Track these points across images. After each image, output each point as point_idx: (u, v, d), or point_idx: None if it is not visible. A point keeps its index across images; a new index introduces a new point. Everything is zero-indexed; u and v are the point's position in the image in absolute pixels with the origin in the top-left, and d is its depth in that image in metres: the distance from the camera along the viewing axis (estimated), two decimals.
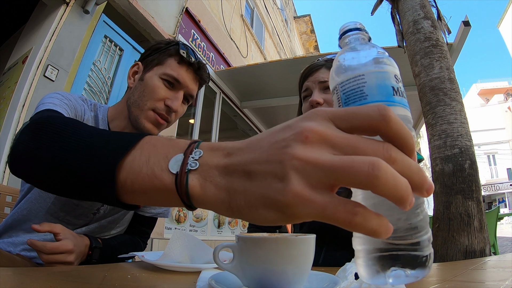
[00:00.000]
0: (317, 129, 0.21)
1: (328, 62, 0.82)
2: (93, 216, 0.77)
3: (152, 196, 0.28)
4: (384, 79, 0.30)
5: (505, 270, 0.52)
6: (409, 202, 0.19)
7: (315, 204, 0.20)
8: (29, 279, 0.40)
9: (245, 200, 0.23)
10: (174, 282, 0.47)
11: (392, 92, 0.29)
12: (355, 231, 0.20)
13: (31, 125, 0.41)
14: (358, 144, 0.21)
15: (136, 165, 0.28)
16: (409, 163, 0.21)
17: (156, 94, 0.75)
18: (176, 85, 0.77)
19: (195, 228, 3.56)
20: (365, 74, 0.30)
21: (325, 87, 0.80)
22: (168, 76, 0.76)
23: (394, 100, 0.29)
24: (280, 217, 0.22)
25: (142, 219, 0.90)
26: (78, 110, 0.73)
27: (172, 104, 0.76)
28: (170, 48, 0.78)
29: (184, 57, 0.76)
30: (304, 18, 11.00)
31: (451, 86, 2.02)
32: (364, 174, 0.19)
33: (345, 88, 0.31)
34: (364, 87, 0.29)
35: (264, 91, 4.42)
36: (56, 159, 0.33)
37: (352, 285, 0.35)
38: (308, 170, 0.20)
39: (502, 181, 21.04)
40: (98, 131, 0.36)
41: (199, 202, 0.26)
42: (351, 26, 0.35)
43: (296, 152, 0.21)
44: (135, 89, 0.77)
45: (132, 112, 0.76)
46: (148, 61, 0.79)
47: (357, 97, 0.29)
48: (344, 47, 0.34)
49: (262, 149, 0.23)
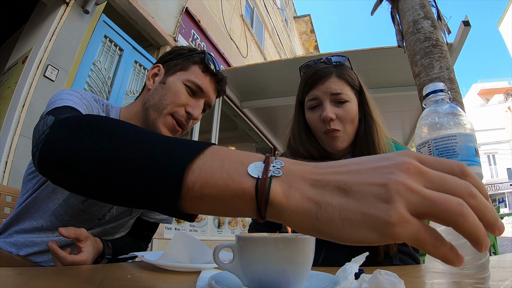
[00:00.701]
0: (415, 163, 0.25)
1: (337, 69, 0.77)
2: (97, 221, 0.77)
3: (222, 203, 0.27)
4: (471, 142, 0.36)
5: (505, 270, 0.52)
6: (485, 244, 0.22)
7: (413, 227, 0.22)
8: (29, 279, 0.40)
9: (340, 215, 0.24)
10: (174, 282, 0.47)
11: (474, 153, 0.36)
12: (436, 257, 0.23)
13: (73, 122, 0.37)
14: (447, 179, 0.24)
15: (208, 168, 0.27)
16: (486, 202, 0.24)
17: (178, 99, 0.74)
18: (198, 93, 0.77)
19: (195, 228, 3.56)
20: (457, 136, 0.36)
21: (337, 100, 0.75)
22: (192, 83, 0.75)
23: (475, 160, 0.36)
24: (377, 236, 0.23)
25: (146, 224, 0.90)
26: (94, 112, 0.71)
27: (193, 111, 0.75)
28: (195, 56, 0.78)
29: (210, 67, 0.77)
30: (304, 18, 11.00)
31: (451, 86, 2.02)
32: (453, 210, 0.22)
33: (438, 145, 0.36)
34: (456, 146, 0.36)
35: (264, 91, 4.42)
36: (112, 158, 0.30)
37: (352, 285, 0.35)
38: (410, 196, 0.23)
39: (502, 181, 21.04)
40: (160, 135, 0.33)
41: (277, 209, 0.25)
42: (441, 86, 0.40)
43: (401, 179, 0.23)
44: (155, 91, 0.76)
45: (150, 114, 0.74)
46: (171, 65, 0.78)
47: (449, 154, 0.36)
48: (433, 105, 0.40)
49: (361, 172, 0.25)
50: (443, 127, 0.37)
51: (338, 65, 0.78)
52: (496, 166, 21.63)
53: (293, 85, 0.83)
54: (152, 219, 0.89)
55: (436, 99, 0.40)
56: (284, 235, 0.36)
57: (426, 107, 0.40)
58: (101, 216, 0.76)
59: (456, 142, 0.36)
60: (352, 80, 0.78)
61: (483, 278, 0.32)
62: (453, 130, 0.36)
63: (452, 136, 0.36)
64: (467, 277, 0.32)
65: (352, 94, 0.77)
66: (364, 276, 0.35)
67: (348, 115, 0.75)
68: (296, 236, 0.36)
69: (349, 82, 0.77)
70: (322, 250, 0.77)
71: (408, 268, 0.63)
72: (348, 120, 0.75)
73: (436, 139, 0.37)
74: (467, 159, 0.35)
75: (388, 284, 0.32)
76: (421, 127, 0.39)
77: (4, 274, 0.40)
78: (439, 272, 0.34)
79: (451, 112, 0.38)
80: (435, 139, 0.37)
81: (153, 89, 0.77)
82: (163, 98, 0.74)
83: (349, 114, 0.75)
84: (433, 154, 0.37)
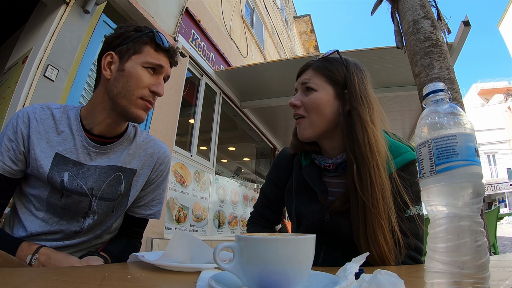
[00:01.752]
0: None
1: (318, 62, 0.80)
2: (83, 220, 0.80)
3: None
4: (471, 141, 0.36)
5: (505, 270, 0.52)
6: None
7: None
8: (28, 279, 0.40)
9: None
10: (174, 282, 0.47)
11: (474, 153, 0.36)
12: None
13: None
14: None
15: None
16: None
17: (142, 82, 0.77)
18: (158, 70, 0.80)
19: (195, 228, 3.56)
20: (457, 135, 0.36)
21: (305, 88, 0.78)
22: (150, 64, 0.78)
23: (475, 160, 0.35)
24: None
25: (133, 219, 0.93)
26: (39, 128, 0.77)
27: (158, 89, 0.79)
28: (143, 36, 0.79)
29: (161, 44, 0.79)
30: (304, 18, 11.00)
31: (451, 86, 2.02)
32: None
33: (438, 145, 0.36)
34: (456, 146, 0.36)
35: (264, 91, 4.42)
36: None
37: (352, 285, 0.35)
38: None
39: (502, 181, 21.03)
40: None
41: None
42: (441, 86, 0.40)
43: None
44: (115, 80, 0.77)
45: (119, 103, 0.77)
46: (123, 50, 0.78)
47: (449, 154, 0.36)
48: (433, 105, 0.40)
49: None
50: (443, 127, 0.37)
51: (322, 58, 0.80)
52: (496, 166, 21.62)
53: (293, 85, 0.84)
54: (138, 214, 0.92)
55: (436, 99, 0.40)
56: (284, 235, 0.36)
57: (426, 107, 0.40)
58: (83, 213, 0.80)
59: (456, 142, 0.36)
60: (329, 72, 0.77)
61: (483, 278, 0.32)
62: (453, 130, 0.36)
63: (452, 136, 0.36)
64: (467, 277, 0.32)
65: (325, 84, 0.77)
66: (364, 276, 0.35)
67: (311, 102, 0.76)
68: (296, 236, 0.36)
69: (325, 74, 0.77)
70: (322, 250, 0.77)
71: (408, 268, 0.63)
72: (312, 108, 0.76)
73: (436, 139, 0.37)
74: (467, 159, 0.35)
75: (388, 284, 0.32)
76: (421, 127, 0.39)
77: (4, 274, 0.40)
78: (439, 272, 0.34)
79: (451, 112, 0.38)
80: (435, 139, 0.37)
81: (112, 78, 0.78)
82: (126, 85, 0.77)
83: (312, 101, 0.76)
84: (433, 154, 0.37)
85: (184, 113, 3.68)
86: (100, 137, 0.80)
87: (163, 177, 0.93)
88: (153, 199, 0.92)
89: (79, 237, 0.82)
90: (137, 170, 0.85)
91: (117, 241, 0.90)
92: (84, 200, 0.79)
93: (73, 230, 0.79)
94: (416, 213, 0.72)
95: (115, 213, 0.86)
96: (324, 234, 0.74)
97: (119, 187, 0.82)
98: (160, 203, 0.95)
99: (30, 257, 0.67)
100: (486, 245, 0.34)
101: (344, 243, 0.72)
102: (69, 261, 0.69)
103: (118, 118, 0.80)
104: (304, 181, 0.81)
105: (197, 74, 3.95)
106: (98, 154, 0.80)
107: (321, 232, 0.71)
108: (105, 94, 0.79)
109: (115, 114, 0.79)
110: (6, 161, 0.73)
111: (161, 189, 0.94)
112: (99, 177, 0.80)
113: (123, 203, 0.86)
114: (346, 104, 0.75)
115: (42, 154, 0.75)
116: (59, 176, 0.75)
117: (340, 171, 0.78)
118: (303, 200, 0.81)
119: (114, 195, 0.82)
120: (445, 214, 0.35)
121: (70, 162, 0.77)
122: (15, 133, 0.75)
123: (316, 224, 0.76)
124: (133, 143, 0.86)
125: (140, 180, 0.87)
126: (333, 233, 0.74)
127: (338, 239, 0.74)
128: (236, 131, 5.46)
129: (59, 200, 0.77)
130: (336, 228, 0.74)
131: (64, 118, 0.80)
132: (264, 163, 6.59)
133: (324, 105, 0.75)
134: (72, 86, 2.33)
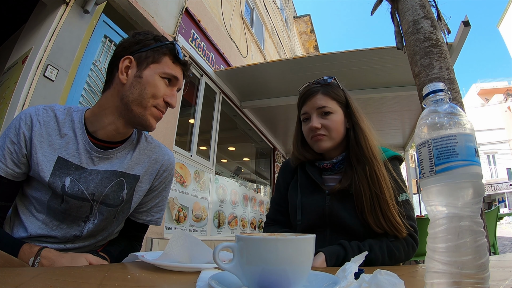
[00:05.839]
0: None
1: (323, 87, 0.94)
2: (84, 224, 0.80)
3: None
4: (470, 142, 0.36)
5: (505, 270, 0.52)
6: None
7: None
8: (29, 279, 0.40)
9: None
10: (174, 282, 0.47)
11: (474, 153, 0.36)
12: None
13: None
14: None
15: None
16: None
17: (158, 92, 0.78)
18: (173, 82, 0.81)
19: (195, 228, 3.56)
20: (457, 136, 0.36)
21: (322, 112, 0.92)
22: (167, 75, 0.79)
23: (475, 160, 0.35)
24: None
25: (134, 224, 0.93)
26: (42, 130, 0.76)
27: (171, 100, 0.81)
28: (163, 47, 0.80)
29: (179, 57, 0.81)
30: (304, 18, 11.00)
31: (451, 86, 2.02)
32: None
33: (438, 145, 0.36)
34: (455, 146, 0.36)
35: (264, 91, 4.41)
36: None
37: (352, 285, 0.35)
38: None
39: (501, 181, 21.03)
40: None
41: None
42: (441, 86, 0.40)
43: None
44: (131, 86, 0.77)
45: (133, 109, 0.77)
46: (142, 58, 0.79)
47: (449, 154, 0.36)
48: (433, 105, 0.40)
49: None
50: (443, 127, 0.37)
51: (324, 84, 0.95)
52: (496, 166, 21.62)
53: (292, 85, 0.85)
54: (139, 219, 0.92)
55: (436, 99, 0.40)
56: (284, 235, 0.36)
57: (426, 107, 0.40)
58: (84, 217, 0.80)
59: (456, 142, 0.36)
60: (337, 96, 0.94)
61: (483, 278, 0.33)
62: (453, 130, 0.36)
63: (452, 136, 0.36)
64: (467, 277, 0.32)
65: (337, 107, 0.94)
66: (364, 276, 0.35)
67: (333, 124, 0.92)
68: (296, 236, 0.36)
69: (334, 97, 0.94)
70: (327, 231, 0.88)
71: (408, 268, 0.63)
72: (333, 128, 0.92)
73: (436, 139, 0.37)
74: (467, 159, 0.35)
75: (388, 284, 0.32)
76: (421, 127, 0.39)
77: (4, 274, 0.40)
78: (439, 272, 0.34)
79: (451, 112, 0.38)
80: (435, 139, 0.37)
81: (128, 83, 0.77)
82: (143, 92, 0.77)
83: (334, 123, 0.92)
84: (433, 154, 0.37)
85: (184, 113, 3.68)
86: (104, 141, 0.80)
87: (166, 184, 0.93)
88: (155, 205, 0.92)
89: (79, 241, 0.81)
90: (140, 176, 0.84)
91: (117, 242, 0.90)
92: (85, 205, 0.78)
93: (73, 234, 0.79)
94: (404, 199, 0.88)
95: (117, 219, 0.85)
96: (325, 217, 0.89)
97: (121, 193, 0.81)
98: (162, 210, 0.94)
99: (33, 260, 0.66)
100: (486, 245, 0.34)
101: (342, 223, 0.87)
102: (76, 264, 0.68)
103: (125, 124, 0.79)
104: (308, 176, 0.96)
105: (197, 74, 3.95)
106: (100, 159, 0.79)
107: (323, 216, 0.88)
108: (117, 98, 0.78)
109: (122, 119, 0.78)
110: (9, 164, 0.73)
111: (163, 196, 0.93)
112: (101, 182, 0.78)
113: (125, 210, 0.86)
114: (348, 120, 0.95)
115: (44, 158, 0.74)
116: (60, 181, 0.74)
117: (336, 169, 0.95)
118: (307, 191, 0.95)
119: (116, 201, 0.81)
120: (445, 214, 0.35)
121: (72, 166, 0.76)
122: (17, 135, 0.74)
123: (319, 209, 0.90)
124: (136, 148, 0.85)
125: (143, 187, 0.86)
126: (333, 218, 0.88)
127: (337, 222, 0.88)
128: (236, 131, 5.46)
129: (59, 205, 0.76)
130: (334, 212, 0.88)
131: (67, 120, 0.79)
132: (264, 163, 6.59)
133: (340, 124, 0.93)
134: (72, 86, 2.32)
